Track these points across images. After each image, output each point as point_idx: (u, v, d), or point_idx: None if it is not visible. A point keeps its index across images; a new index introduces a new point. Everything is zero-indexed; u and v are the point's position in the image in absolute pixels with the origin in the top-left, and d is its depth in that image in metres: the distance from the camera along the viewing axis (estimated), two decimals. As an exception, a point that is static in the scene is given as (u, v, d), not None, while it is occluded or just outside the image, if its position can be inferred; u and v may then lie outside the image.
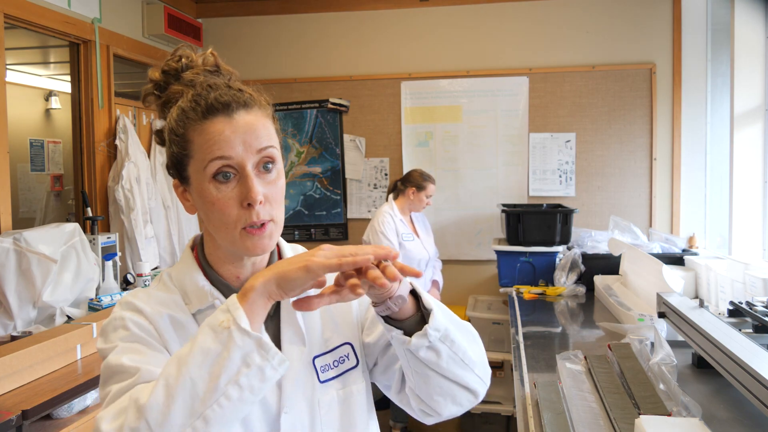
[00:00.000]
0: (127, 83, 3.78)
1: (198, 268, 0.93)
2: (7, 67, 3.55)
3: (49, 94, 5.07)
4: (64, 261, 2.50)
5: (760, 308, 1.81)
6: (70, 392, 1.84)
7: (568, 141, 3.97)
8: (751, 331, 1.74)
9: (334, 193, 4.27)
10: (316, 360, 0.94)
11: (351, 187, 4.25)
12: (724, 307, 2.05)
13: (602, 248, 3.24)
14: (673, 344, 1.74)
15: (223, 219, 0.85)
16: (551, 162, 4.00)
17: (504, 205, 3.71)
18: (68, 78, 3.55)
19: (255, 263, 0.94)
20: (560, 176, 3.99)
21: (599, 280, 2.98)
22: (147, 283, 2.96)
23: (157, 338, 0.86)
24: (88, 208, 3.11)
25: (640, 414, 1.31)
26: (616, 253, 3.02)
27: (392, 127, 4.16)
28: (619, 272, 2.96)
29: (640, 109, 3.87)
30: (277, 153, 0.88)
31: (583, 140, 3.95)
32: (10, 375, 1.80)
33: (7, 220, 2.61)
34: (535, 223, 3.37)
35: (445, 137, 4.11)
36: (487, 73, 4.03)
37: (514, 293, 3.14)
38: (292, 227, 4.30)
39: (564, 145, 3.98)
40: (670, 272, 2.27)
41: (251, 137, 0.84)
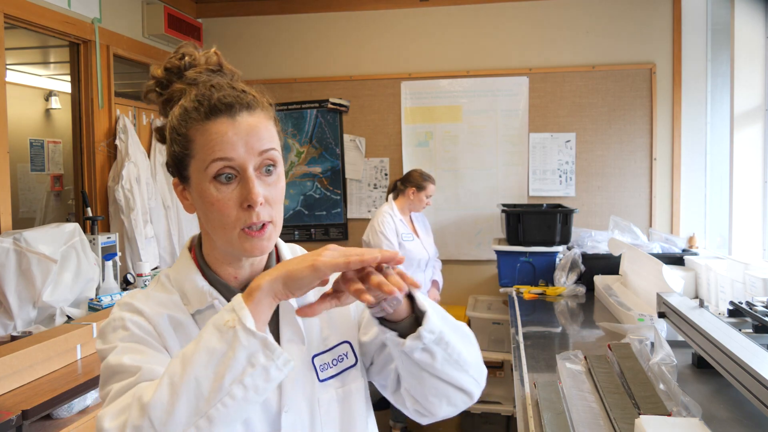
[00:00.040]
0: (127, 83, 3.78)
1: (196, 269, 0.93)
2: (7, 67, 3.55)
3: (49, 94, 5.07)
4: (64, 261, 2.50)
5: (760, 308, 1.81)
6: (70, 392, 1.84)
7: (568, 141, 3.97)
8: (751, 331, 1.74)
9: (334, 193, 4.27)
10: (315, 359, 0.94)
11: (351, 187, 4.25)
12: (724, 307, 2.05)
13: (602, 248, 3.24)
14: (673, 344, 1.74)
15: (222, 220, 0.85)
16: (551, 162, 4.00)
17: (504, 205, 3.70)
18: (68, 78, 3.54)
19: (253, 264, 0.93)
20: (560, 176, 3.99)
21: (599, 280, 2.98)
22: (147, 283, 2.95)
23: (157, 338, 0.86)
24: (88, 208, 3.11)
25: (640, 414, 1.31)
26: (616, 253, 3.02)
27: (392, 127, 4.16)
28: (619, 272, 2.96)
29: (640, 109, 3.87)
30: (278, 155, 0.88)
31: (583, 140, 3.95)
32: (10, 375, 1.80)
33: (7, 220, 2.61)
34: (535, 223, 3.37)
35: (445, 137, 4.11)
36: (487, 73, 4.03)
37: (514, 293, 3.14)
38: (292, 227, 4.30)
39: (564, 145, 3.98)
40: (670, 272, 2.27)
41: (253, 139, 0.84)
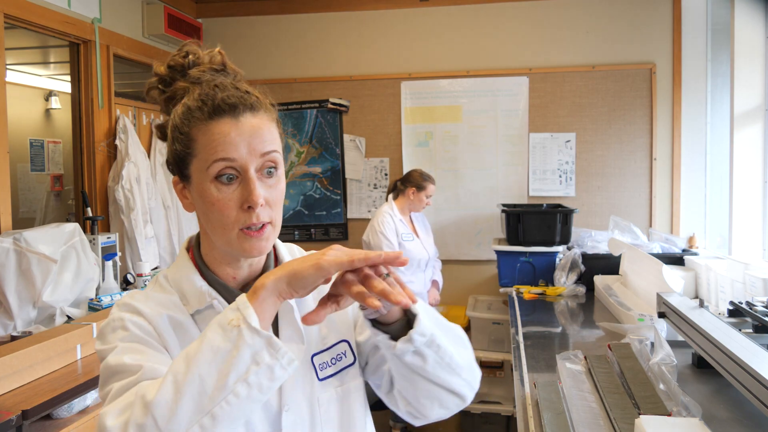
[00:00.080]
0: (127, 83, 3.78)
1: (194, 269, 0.93)
2: (7, 67, 3.55)
3: (49, 94, 5.07)
4: (64, 261, 2.50)
5: (760, 308, 1.81)
6: (70, 392, 1.84)
7: (568, 141, 3.97)
8: (751, 331, 1.74)
9: (334, 193, 4.26)
10: (315, 358, 0.94)
11: (351, 187, 4.25)
12: (724, 307, 2.05)
13: (602, 248, 3.24)
14: (673, 344, 1.74)
15: (222, 220, 0.85)
16: (551, 162, 4.00)
17: (504, 205, 3.70)
18: (68, 78, 3.55)
19: (252, 265, 0.94)
20: (560, 176, 3.99)
21: (599, 280, 2.98)
22: (147, 283, 2.95)
23: (157, 339, 0.86)
24: (88, 208, 3.11)
25: (640, 414, 1.31)
26: (616, 253, 3.02)
27: (392, 127, 4.16)
28: (619, 272, 2.96)
29: (640, 109, 3.87)
30: (279, 158, 0.88)
31: (583, 140, 3.95)
32: (10, 375, 1.80)
33: (7, 220, 2.61)
34: (535, 223, 3.37)
35: (445, 137, 4.11)
36: (487, 73, 4.03)
37: (514, 293, 3.14)
38: (292, 227, 4.30)
39: (564, 145, 3.98)
40: (670, 272, 2.27)
41: (256, 141, 0.84)
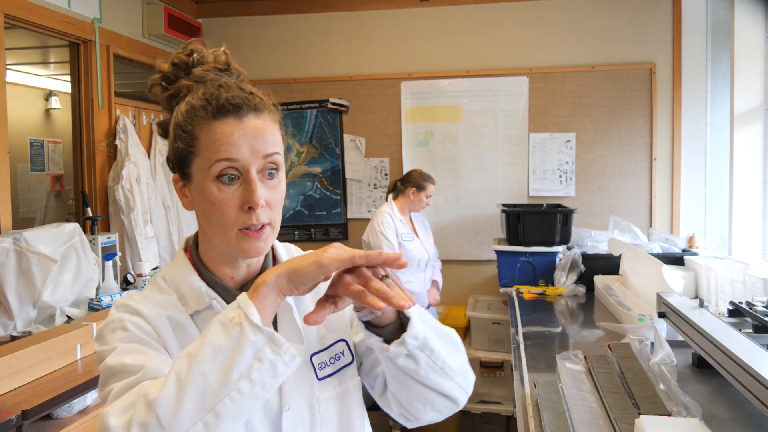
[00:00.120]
0: (127, 83, 3.78)
1: (193, 269, 0.93)
2: (7, 67, 3.54)
3: (49, 94, 5.06)
4: (64, 261, 2.50)
5: (760, 308, 1.81)
6: (70, 392, 1.84)
7: (568, 141, 3.97)
8: (751, 331, 1.74)
9: (334, 193, 4.26)
10: (314, 357, 0.94)
11: (351, 187, 4.25)
12: (724, 307, 2.05)
13: (602, 248, 3.24)
14: (673, 344, 1.74)
15: (222, 219, 0.85)
16: (551, 162, 4.00)
17: (504, 205, 3.70)
18: (68, 78, 3.54)
19: (250, 265, 0.94)
20: (560, 176, 3.99)
21: (599, 280, 2.98)
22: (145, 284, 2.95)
23: (157, 339, 0.86)
24: (88, 208, 3.11)
25: (640, 414, 1.31)
26: (616, 253, 3.02)
27: (392, 127, 4.16)
28: (619, 272, 2.96)
29: (640, 109, 3.87)
30: (281, 159, 0.88)
31: (583, 140, 3.95)
32: (10, 375, 1.80)
33: (7, 220, 2.61)
34: (535, 223, 3.37)
35: (445, 137, 4.11)
36: (487, 73, 4.03)
37: (514, 293, 3.14)
38: (292, 227, 4.30)
39: (564, 145, 3.98)
40: (670, 272, 2.27)
41: (259, 142, 0.85)
